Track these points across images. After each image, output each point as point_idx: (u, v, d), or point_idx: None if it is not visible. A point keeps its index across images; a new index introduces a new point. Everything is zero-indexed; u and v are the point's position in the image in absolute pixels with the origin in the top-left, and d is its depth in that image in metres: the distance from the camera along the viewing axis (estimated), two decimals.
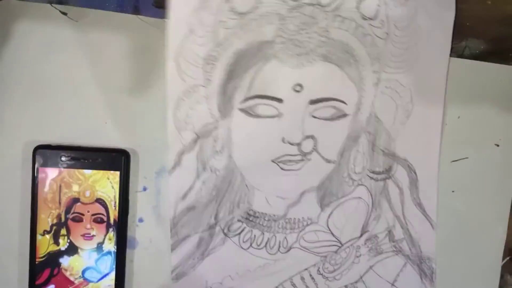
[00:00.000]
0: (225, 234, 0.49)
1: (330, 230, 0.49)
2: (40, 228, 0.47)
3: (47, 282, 0.48)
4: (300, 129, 0.46)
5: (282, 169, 0.47)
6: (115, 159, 0.47)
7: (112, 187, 0.47)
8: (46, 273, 0.48)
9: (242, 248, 0.49)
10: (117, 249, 0.48)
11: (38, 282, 0.48)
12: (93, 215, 0.47)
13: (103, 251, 0.48)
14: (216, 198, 0.48)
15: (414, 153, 0.48)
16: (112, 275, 0.48)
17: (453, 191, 0.50)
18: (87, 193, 0.47)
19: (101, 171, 0.47)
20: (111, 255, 0.48)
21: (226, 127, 0.46)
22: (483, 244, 0.51)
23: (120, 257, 0.48)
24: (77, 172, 0.47)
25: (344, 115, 0.47)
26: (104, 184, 0.47)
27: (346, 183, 0.49)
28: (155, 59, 0.46)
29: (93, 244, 0.48)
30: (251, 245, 0.49)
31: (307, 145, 0.47)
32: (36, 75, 0.46)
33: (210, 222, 0.48)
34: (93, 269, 0.48)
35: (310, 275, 0.50)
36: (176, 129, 0.45)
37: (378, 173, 0.49)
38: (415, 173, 0.49)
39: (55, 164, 0.46)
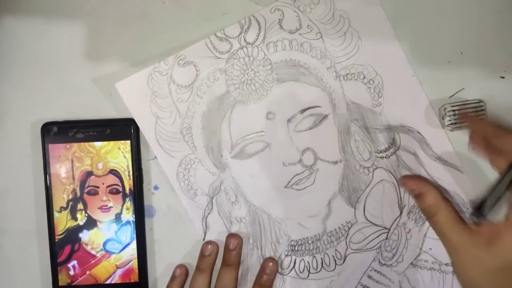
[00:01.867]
0: (281, 274, 0.53)
1: (371, 222, 0.53)
2: (56, 205, 0.51)
3: (69, 258, 0.51)
4: (293, 147, 0.52)
5: (298, 190, 0.53)
6: (124, 129, 0.51)
7: (124, 157, 0.51)
8: (67, 250, 0.51)
9: (302, 278, 0.53)
10: (136, 218, 0.51)
11: (60, 259, 0.51)
12: (108, 186, 0.51)
13: (122, 221, 0.51)
14: (255, 244, 0.53)
15: (407, 115, 0.52)
16: (133, 244, 0.51)
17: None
18: (100, 165, 0.51)
19: (112, 142, 0.51)
20: (130, 224, 0.51)
21: (230, 177, 0.52)
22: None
23: (139, 226, 0.51)
24: (88, 145, 0.51)
25: (325, 117, 0.52)
26: (116, 154, 0.51)
27: (363, 174, 0.53)
28: (153, 25, 0.52)
29: (111, 215, 0.51)
30: (309, 272, 0.53)
31: (308, 158, 0.52)
32: (35, 53, 0.52)
33: None
34: (114, 241, 0.51)
35: (375, 270, 0.53)
36: (189, 199, 0.52)
37: (385, 150, 0.53)
38: (419, 133, 0.52)
39: (64, 140, 0.51)
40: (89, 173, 0.51)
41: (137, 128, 0.52)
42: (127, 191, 0.51)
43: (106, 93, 0.53)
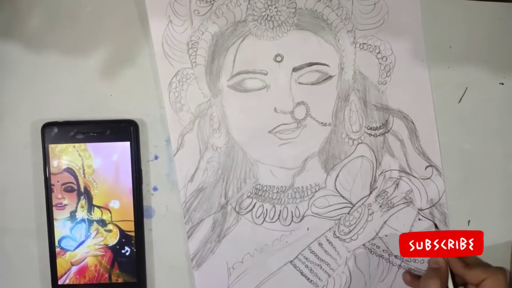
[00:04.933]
0: (238, 213, 0.56)
1: (339, 192, 0.56)
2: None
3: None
4: (290, 97, 0.55)
5: (280, 139, 0.56)
6: (124, 130, 0.55)
7: (79, 155, 0.54)
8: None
9: (256, 224, 0.56)
10: (135, 218, 0.55)
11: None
12: (63, 184, 0.55)
13: (77, 219, 0.55)
14: (222, 176, 0.56)
15: (407, 102, 0.56)
16: (88, 242, 0.55)
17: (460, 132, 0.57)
18: (55, 163, 0.55)
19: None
20: (85, 222, 0.55)
21: (219, 105, 0.55)
22: (496, 182, 0.57)
23: (138, 227, 0.55)
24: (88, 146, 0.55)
25: (330, 77, 0.55)
26: (71, 152, 0.55)
27: (346, 144, 0.56)
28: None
29: (66, 213, 0.55)
30: (264, 219, 0.56)
31: (300, 112, 0.55)
32: (36, 53, 0.55)
33: (221, 202, 0.56)
34: (68, 238, 0.56)
35: (327, 239, 0.56)
36: (173, 111, 0.55)
37: (376, 128, 0.56)
38: (412, 123, 0.56)
39: (64, 140, 0.54)
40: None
41: (136, 130, 0.55)
42: (82, 189, 0.55)
43: (107, 94, 0.56)
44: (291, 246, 0.56)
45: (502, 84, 0.56)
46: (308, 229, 0.56)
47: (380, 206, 0.56)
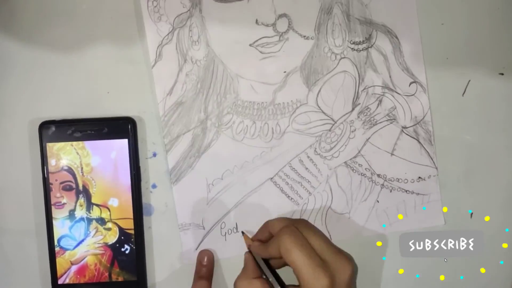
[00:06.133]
0: (218, 128, 0.56)
1: (320, 109, 0.56)
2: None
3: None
4: (272, 8, 0.54)
5: (261, 52, 0.55)
6: (122, 127, 0.54)
7: (77, 154, 0.54)
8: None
9: (236, 140, 0.56)
10: (134, 216, 0.55)
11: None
12: (61, 183, 0.55)
13: (76, 218, 0.55)
14: (202, 90, 0.55)
15: (391, 17, 0.55)
16: (88, 241, 0.55)
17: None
18: (53, 162, 0.54)
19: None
20: (84, 221, 0.55)
21: (199, 16, 0.54)
22: (498, 174, 0.57)
23: (137, 225, 0.55)
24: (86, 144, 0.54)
25: None
26: (69, 151, 0.54)
27: (329, 58, 0.55)
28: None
29: (65, 212, 0.55)
30: (244, 135, 0.56)
31: (282, 24, 0.54)
32: (33, 51, 0.55)
33: (201, 117, 0.56)
34: (68, 237, 0.55)
35: (308, 156, 0.56)
36: (152, 21, 0.54)
37: (359, 43, 0.55)
38: (396, 37, 0.55)
39: (62, 139, 0.54)
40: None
41: (134, 127, 0.54)
42: (80, 187, 0.54)
43: (104, 91, 0.55)
44: (271, 163, 0.56)
45: (502, 74, 0.56)
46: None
47: (363, 123, 0.56)
